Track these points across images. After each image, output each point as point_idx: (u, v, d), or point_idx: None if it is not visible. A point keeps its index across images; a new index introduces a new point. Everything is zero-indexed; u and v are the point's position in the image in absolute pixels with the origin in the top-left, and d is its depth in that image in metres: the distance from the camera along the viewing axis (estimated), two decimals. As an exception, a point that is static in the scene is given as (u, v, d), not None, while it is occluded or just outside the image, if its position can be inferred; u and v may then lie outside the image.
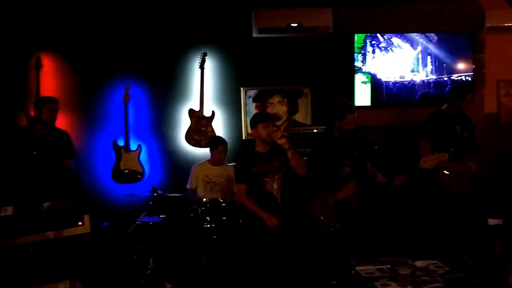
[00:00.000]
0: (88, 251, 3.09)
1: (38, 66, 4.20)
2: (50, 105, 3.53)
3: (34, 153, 3.45)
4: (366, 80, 4.52)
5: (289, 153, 2.91)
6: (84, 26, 4.28)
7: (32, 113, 3.74)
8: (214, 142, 4.02)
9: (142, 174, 4.28)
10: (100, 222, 3.82)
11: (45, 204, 3.09)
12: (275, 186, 3.01)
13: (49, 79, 4.29)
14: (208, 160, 4.05)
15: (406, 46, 4.56)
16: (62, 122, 4.26)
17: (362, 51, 4.49)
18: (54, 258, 2.88)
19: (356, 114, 3.31)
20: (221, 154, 3.96)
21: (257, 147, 3.07)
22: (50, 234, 2.91)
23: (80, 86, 4.36)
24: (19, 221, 2.84)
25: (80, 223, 3.03)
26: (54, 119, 3.57)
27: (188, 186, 4.01)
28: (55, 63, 4.32)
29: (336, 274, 2.86)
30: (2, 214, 2.86)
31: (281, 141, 2.88)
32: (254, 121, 3.04)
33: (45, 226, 2.90)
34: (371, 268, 2.39)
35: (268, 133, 2.94)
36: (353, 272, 2.37)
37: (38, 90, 4.17)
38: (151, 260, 3.27)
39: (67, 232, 2.96)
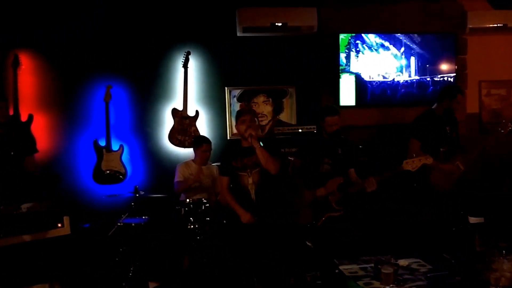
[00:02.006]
0: (68, 253, 3.04)
1: (16, 64, 4.09)
2: None
3: (12, 153, 3.36)
4: (351, 80, 4.55)
5: (257, 151, 2.99)
6: (64, 24, 4.20)
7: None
8: (197, 141, 4.00)
9: (124, 174, 4.21)
10: (81, 223, 3.76)
11: (24, 206, 3.02)
12: (250, 181, 3.09)
13: (28, 78, 4.19)
14: (192, 160, 4.01)
15: (390, 46, 4.60)
16: (41, 121, 4.19)
17: (347, 51, 4.51)
18: (33, 260, 2.84)
19: (338, 116, 3.29)
20: (205, 153, 3.93)
21: (243, 142, 3.15)
22: (29, 236, 2.87)
23: (59, 84, 4.27)
24: (-4, 223, 2.78)
25: (59, 224, 2.99)
26: (6, 117, 3.47)
27: (176, 180, 3.89)
28: (34, 61, 4.22)
29: (321, 274, 2.85)
30: (-22, 216, 2.78)
31: (250, 140, 2.98)
32: (237, 117, 3.17)
33: (23, 228, 2.87)
34: (354, 267, 2.39)
35: (244, 129, 3.02)
36: (336, 271, 2.36)
37: (16, 88, 4.07)
38: (132, 264, 3.22)
39: (47, 234, 2.93)
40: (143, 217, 3.57)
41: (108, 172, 4.16)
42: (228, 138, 4.53)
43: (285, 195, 3.28)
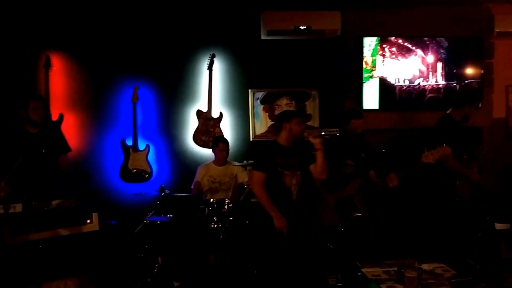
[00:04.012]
0: (96, 249, 3.11)
1: (48, 65, 4.24)
2: (35, 103, 3.42)
3: (43, 151, 3.47)
4: (375, 83, 4.53)
5: (319, 154, 2.95)
6: (94, 27, 4.33)
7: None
8: (214, 141, 4.11)
9: (150, 173, 4.31)
10: (108, 220, 3.86)
11: (54, 202, 3.11)
12: (294, 181, 3.02)
13: (58, 78, 4.33)
14: (212, 161, 4.09)
15: (416, 50, 4.56)
16: (71, 121, 4.33)
17: (372, 54, 4.50)
18: (63, 255, 2.91)
19: (362, 119, 3.33)
20: (222, 153, 4.00)
21: (280, 140, 3.10)
22: (59, 232, 2.93)
23: (89, 85, 4.40)
24: (28, 218, 2.87)
25: (88, 221, 3.05)
26: (43, 117, 3.47)
27: (192, 186, 4.04)
28: (65, 62, 4.36)
29: (342, 276, 2.87)
30: (11, 211, 2.89)
31: (316, 140, 2.93)
32: (289, 115, 3.09)
33: (54, 224, 2.93)
34: (377, 270, 2.40)
35: (301, 129, 2.99)
36: (359, 274, 2.37)
37: (47, 89, 4.22)
38: (159, 258, 3.31)
39: (76, 229, 2.98)
40: (168, 216, 3.66)
41: (134, 171, 4.27)
42: (251, 139, 4.58)
43: (316, 201, 3.28)
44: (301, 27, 4.25)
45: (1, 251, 2.66)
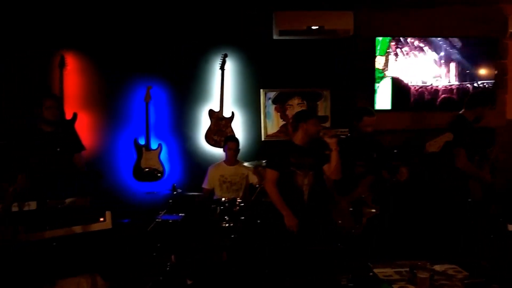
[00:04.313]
0: (109, 247, 3.14)
1: (62, 64, 4.29)
2: (49, 102, 3.44)
3: (58, 149, 3.51)
4: (387, 83, 4.51)
5: (334, 154, 2.97)
6: (107, 26, 4.38)
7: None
8: (224, 140, 4.13)
9: (162, 172, 4.35)
10: (121, 218, 3.90)
11: (68, 200, 3.16)
12: (306, 181, 3.04)
13: (72, 77, 4.39)
14: (223, 161, 4.11)
15: (429, 50, 4.53)
16: (84, 120, 4.39)
17: (384, 55, 4.48)
18: (76, 252, 2.94)
19: (375, 117, 3.33)
20: (230, 152, 4.03)
21: (296, 140, 3.12)
22: (72, 229, 2.96)
23: (102, 84, 4.45)
24: (42, 215, 2.91)
25: (101, 219, 3.08)
26: (56, 116, 3.48)
27: (203, 186, 4.08)
28: (79, 62, 4.41)
29: (353, 276, 2.86)
30: (26, 208, 2.93)
31: (331, 140, 2.95)
32: (306, 116, 3.12)
33: (67, 221, 2.96)
34: (389, 270, 2.39)
35: (317, 130, 3.02)
36: (371, 274, 2.37)
37: (61, 88, 4.28)
38: (172, 256, 3.33)
39: (89, 227, 3.01)
40: (180, 214, 3.69)
41: (147, 169, 4.32)
42: (263, 139, 4.60)
43: (329, 204, 3.28)
44: (314, 27, 4.25)
45: (16, 248, 2.69)
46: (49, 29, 4.29)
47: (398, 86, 4.52)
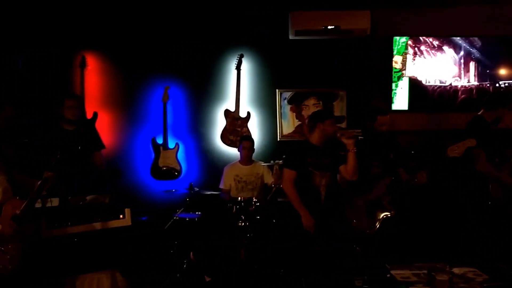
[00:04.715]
0: (128, 244, 3.20)
1: (83, 65, 4.38)
2: (69, 102, 3.51)
3: (79, 147, 3.59)
4: (404, 83, 4.47)
5: (351, 155, 2.96)
6: (127, 27, 4.45)
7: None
8: (239, 139, 4.15)
9: (179, 171, 4.40)
10: (138, 216, 3.95)
11: (89, 197, 3.23)
12: (323, 182, 3.05)
13: (93, 78, 4.48)
14: (239, 161, 4.14)
15: (448, 50, 4.47)
16: (104, 119, 4.47)
17: (402, 54, 4.44)
18: (96, 248, 3.00)
19: (388, 116, 3.33)
20: (245, 151, 4.05)
21: (313, 140, 3.13)
22: (93, 226, 3.02)
23: (122, 84, 4.53)
24: (64, 212, 2.99)
25: (121, 216, 3.14)
26: (77, 115, 3.54)
27: (220, 186, 4.12)
28: (99, 62, 4.50)
29: (369, 278, 2.86)
30: (48, 204, 3.01)
31: (348, 141, 2.94)
32: (323, 116, 3.14)
33: (88, 218, 3.02)
34: (406, 272, 2.37)
35: (334, 130, 3.02)
36: (388, 276, 2.36)
37: (82, 88, 4.37)
38: (191, 253, 3.38)
39: (109, 224, 3.07)
40: (197, 213, 3.73)
41: (164, 168, 4.38)
42: (278, 139, 4.61)
43: (344, 203, 3.28)
44: (330, 27, 4.24)
45: (39, 244, 2.77)
46: (70, 30, 4.39)
47: (416, 86, 4.47)
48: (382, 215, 3.21)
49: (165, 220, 3.77)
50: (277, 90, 4.60)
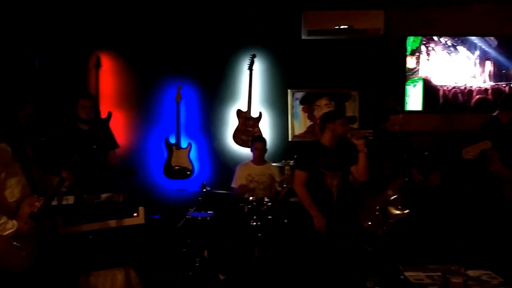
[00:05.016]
0: (142, 241, 3.23)
1: (98, 65, 4.44)
2: (83, 102, 3.55)
3: (94, 147, 3.64)
4: (418, 84, 4.43)
5: (362, 155, 2.95)
6: (141, 28, 4.49)
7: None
8: (252, 140, 4.17)
9: (192, 171, 4.44)
10: (151, 214, 3.99)
11: (103, 195, 3.27)
12: (335, 183, 3.04)
13: (107, 78, 4.53)
14: (251, 160, 4.16)
15: (463, 50, 4.42)
16: (119, 118, 4.53)
17: (416, 54, 4.40)
18: (110, 246, 3.04)
19: (401, 115, 3.30)
20: (257, 152, 4.06)
21: (323, 141, 3.12)
22: (108, 224, 3.07)
23: (135, 84, 4.57)
24: (79, 210, 3.03)
25: (135, 214, 3.18)
26: (91, 115, 3.58)
27: (232, 185, 4.14)
28: (113, 62, 4.55)
29: (381, 279, 2.84)
30: (64, 202, 3.06)
31: (359, 142, 2.93)
32: (333, 116, 3.12)
33: (103, 216, 3.06)
34: (420, 274, 2.36)
35: (345, 130, 3.01)
36: (401, 277, 2.35)
37: (97, 88, 4.43)
38: (205, 251, 3.40)
39: (123, 222, 3.11)
40: (209, 212, 3.76)
41: (177, 167, 4.42)
42: (290, 139, 4.61)
43: (356, 204, 3.27)
44: (343, 27, 4.23)
45: (55, 241, 2.82)
46: (86, 31, 4.45)
47: (430, 87, 4.43)
48: (394, 216, 3.19)
49: (178, 218, 3.80)
50: (289, 90, 4.60)
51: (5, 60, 4.28)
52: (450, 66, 4.43)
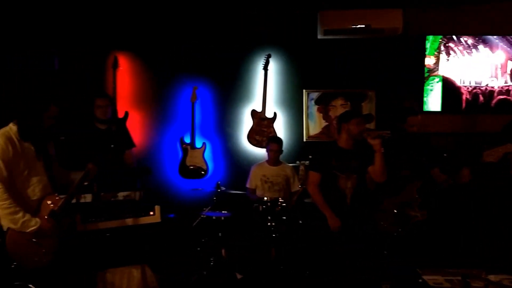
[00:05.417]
0: (158, 240, 3.26)
1: (115, 65, 4.48)
2: (100, 102, 3.63)
3: (112, 146, 3.69)
4: (437, 84, 4.35)
5: (378, 155, 2.92)
6: (157, 28, 4.52)
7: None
8: (267, 140, 4.16)
9: (206, 170, 4.45)
10: (166, 214, 4.01)
11: (121, 194, 3.31)
12: (349, 184, 3.00)
13: (124, 78, 4.57)
14: (266, 161, 4.15)
15: (484, 49, 4.32)
16: (136, 117, 4.57)
17: (435, 54, 4.33)
18: (127, 243, 3.08)
19: (420, 116, 3.24)
20: (272, 153, 4.05)
21: (340, 142, 3.09)
22: (125, 222, 3.12)
23: (152, 85, 4.61)
24: (97, 208, 3.08)
25: (151, 212, 3.22)
26: (108, 115, 3.64)
27: (247, 185, 4.14)
28: (130, 62, 4.59)
29: (396, 282, 2.81)
30: (82, 200, 3.12)
31: (375, 141, 2.89)
32: (348, 116, 3.07)
33: (120, 214, 3.12)
34: (439, 278, 2.32)
35: (360, 130, 2.96)
36: (420, 281, 2.31)
37: (115, 88, 4.47)
38: (223, 250, 3.42)
39: (140, 220, 3.16)
40: (223, 212, 3.77)
41: (192, 167, 4.44)
42: (304, 140, 4.58)
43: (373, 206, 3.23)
44: (360, 26, 4.18)
45: (74, 238, 2.86)
46: (104, 32, 4.50)
47: (450, 87, 4.34)
48: (412, 218, 3.14)
49: (192, 218, 3.82)
50: (304, 90, 4.57)
51: (26, 60, 4.36)
52: (470, 66, 4.34)
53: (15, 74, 4.28)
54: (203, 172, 4.44)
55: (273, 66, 4.56)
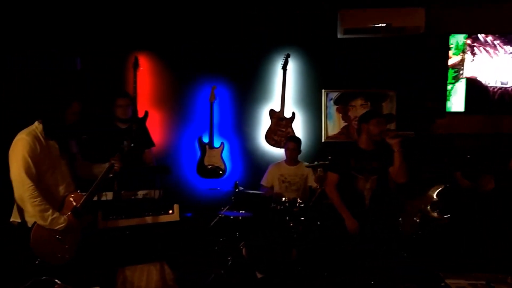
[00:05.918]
0: (176, 238, 3.29)
1: (136, 65, 4.53)
2: (120, 101, 3.67)
3: (132, 145, 3.74)
4: (461, 84, 4.25)
5: (397, 155, 2.87)
6: (177, 28, 4.56)
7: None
8: (286, 140, 4.14)
9: (224, 170, 4.46)
10: (184, 212, 4.04)
11: (140, 192, 3.35)
12: (368, 186, 2.97)
13: (145, 78, 4.62)
14: (284, 160, 4.13)
15: (510, 48, 4.19)
16: (156, 117, 4.62)
17: (459, 53, 4.22)
18: (147, 241, 3.11)
19: (446, 118, 3.17)
20: (289, 151, 4.03)
21: (360, 143, 3.05)
22: (145, 220, 3.15)
23: (171, 84, 4.64)
24: (118, 205, 3.12)
25: (170, 211, 3.24)
26: (128, 114, 3.69)
27: (262, 182, 4.13)
28: (151, 63, 4.63)
29: (417, 285, 2.75)
30: (103, 198, 3.17)
31: (393, 141, 2.85)
32: (368, 116, 3.04)
33: (140, 212, 3.15)
34: (462, 282, 2.27)
35: (380, 130, 2.92)
36: (442, 284, 2.26)
37: (135, 88, 4.53)
38: (243, 249, 3.42)
39: (159, 219, 3.18)
40: (241, 211, 3.77)
41: (210, 167, 4.46)
42: (323, 140, 4.55)
43: (395, 206, 3.18)
44: (381, 25, 4.12)
45: (95, 235, 2.91)
46: (125, 33, 4.57)
47: (474, 87, 4.24)
48: (434, 220, 3.08)
49: (210, 217, 3.83)
50: (323, 90, 4.53)
51: (50, 60, 4.46)
52: (495, 65, 4.22)
53: (39, 74, 4.38)
54: (221, 172, 4.45)
55: (292, 66, 4.54)
